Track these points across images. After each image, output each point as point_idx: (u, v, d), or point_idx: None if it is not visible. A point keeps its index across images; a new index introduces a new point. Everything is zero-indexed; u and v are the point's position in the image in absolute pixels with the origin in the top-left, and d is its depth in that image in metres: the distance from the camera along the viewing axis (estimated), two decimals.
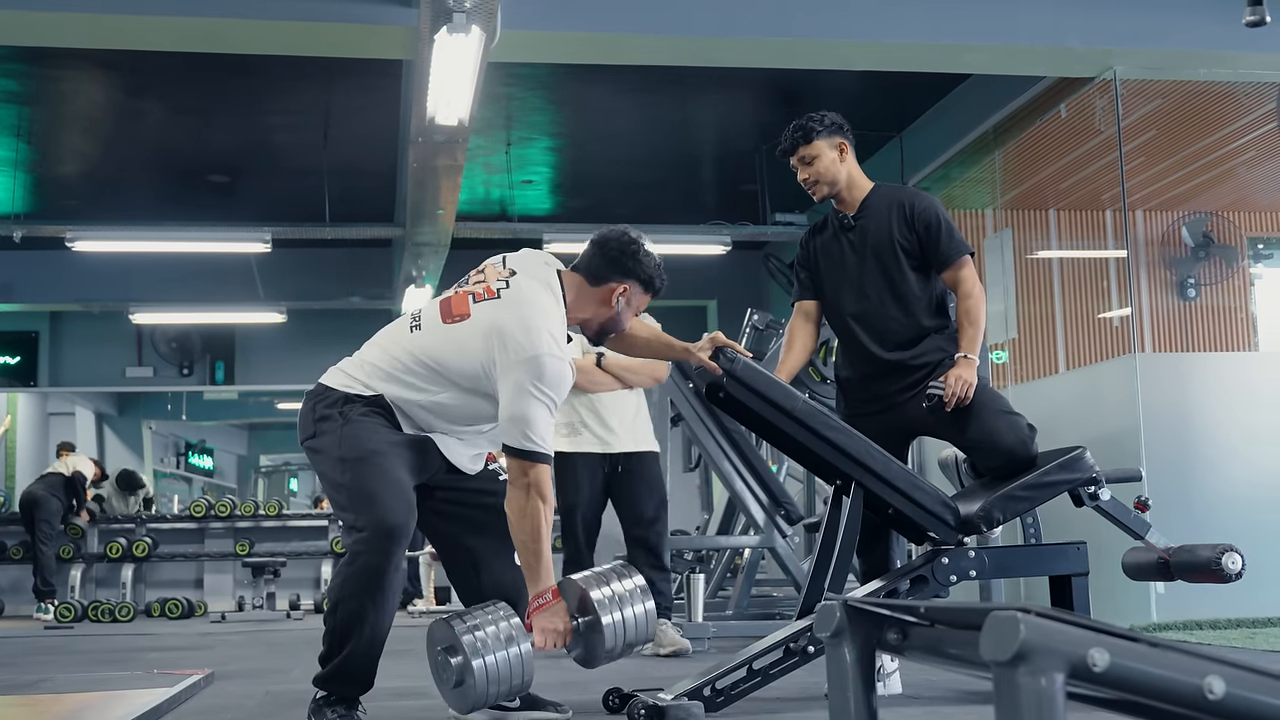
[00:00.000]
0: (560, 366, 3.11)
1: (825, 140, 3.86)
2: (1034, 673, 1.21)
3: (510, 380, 3.08)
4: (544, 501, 3.08)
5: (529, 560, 3.10)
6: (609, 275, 3.32)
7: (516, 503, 3.10)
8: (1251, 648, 5.09)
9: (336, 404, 3.18)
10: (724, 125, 9.86)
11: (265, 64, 7.58)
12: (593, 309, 3.34)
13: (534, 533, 3.07)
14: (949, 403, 3.59)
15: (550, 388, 3.09)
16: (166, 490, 19.30)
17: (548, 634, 3.05)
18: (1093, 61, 6.89)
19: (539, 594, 3.08)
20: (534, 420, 3.07)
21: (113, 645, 7.28)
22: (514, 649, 2.94)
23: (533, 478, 3.07)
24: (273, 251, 10.13)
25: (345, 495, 3.12)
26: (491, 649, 2.91)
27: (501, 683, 2.93)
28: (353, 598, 3.05)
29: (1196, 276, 9.56)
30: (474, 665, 2.89)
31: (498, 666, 2.91)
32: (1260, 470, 6.40)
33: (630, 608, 3.08)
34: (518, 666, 2.94)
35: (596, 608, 3.06)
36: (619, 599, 3.08)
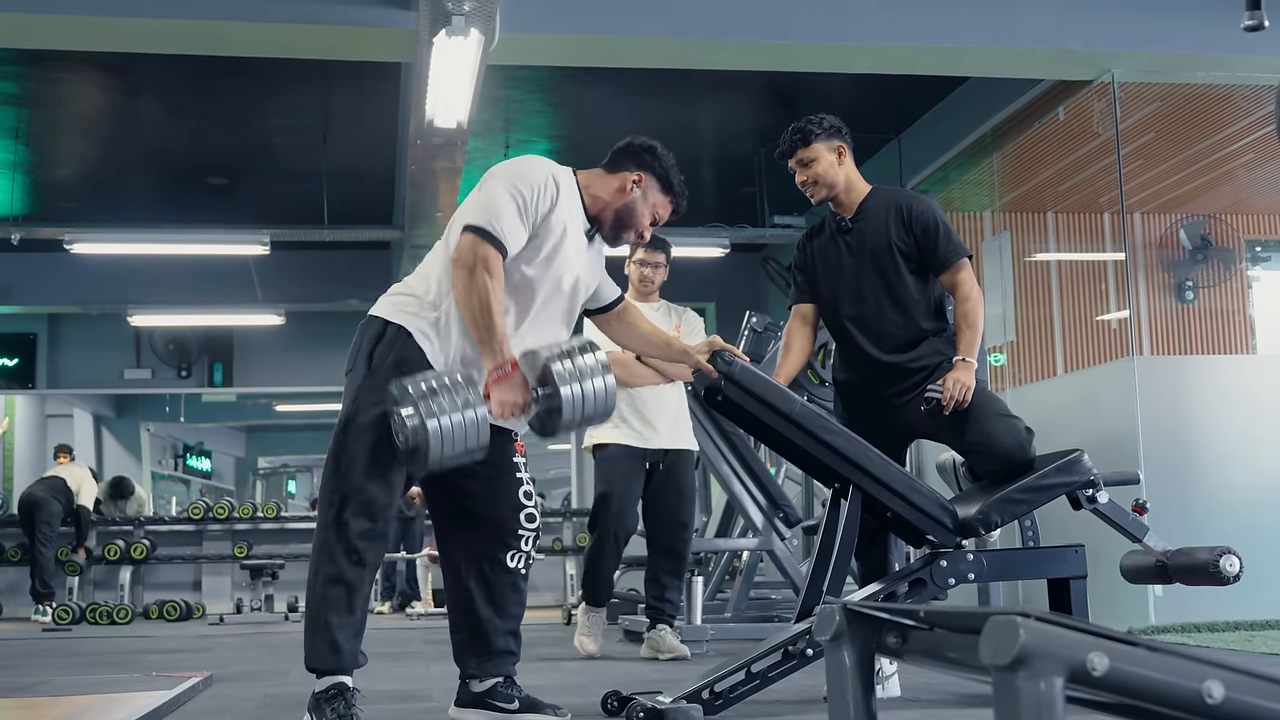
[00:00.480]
0: (531, 165, 3.20)
1: (824, 143, 3.87)
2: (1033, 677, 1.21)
3: (487, 183, 3.16)
4: (491, 276, 3.04)
5: (481, 335, 3.04)
6: (625, 164, 3.39)
7: (463, 279, 3.06)
8: (1250, 650, 5.09)
9: (372, 342, 3.19)
10: (722, 128, 9.87)
11: (264, 66, 7.57)
12: (609, 192, 3.37)
13: (483, 306, 3.02)
14: (947, 406, 3.60)
15: (521, 183, 3.14)
16: (164, 492, 19.30)
17: (505, 405, 3.00)
18: (1091, 64, 6.90)
19: (498, 365, 3.01)
20: (500, 207, 3.10)
21: (111, 647, 7.28)
22: (469, 412, 2.88)
23: (481, 254, 3.05)
24: (271, 254, 10.13)
25: (337, 455, 3.13)
26: (446, 411, 2.86)
27: (455, 445, 2.89)
28: (329, 562, 3.05)
29: (1195, 279, 9.57)
30: (428, 426, 2.85)
31: (453, 429, 2.86)
32: (1258, 473, 6.41)
33: (590, 381, 3.03)
34: (473, 431, 2.89)
35: (556, 379, 3.01)
36: (580, 372, 3.03)
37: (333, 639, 3.08)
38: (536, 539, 3.37)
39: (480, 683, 3.30)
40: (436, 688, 4.20)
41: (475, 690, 3.30)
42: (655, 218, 3.44)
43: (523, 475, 3.36)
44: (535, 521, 3.35)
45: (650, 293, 5.53)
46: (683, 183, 3.46)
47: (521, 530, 3.31)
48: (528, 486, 3.36)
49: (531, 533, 3.34)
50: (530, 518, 3.33)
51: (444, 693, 3.67)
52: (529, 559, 3.35)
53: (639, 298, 5.46)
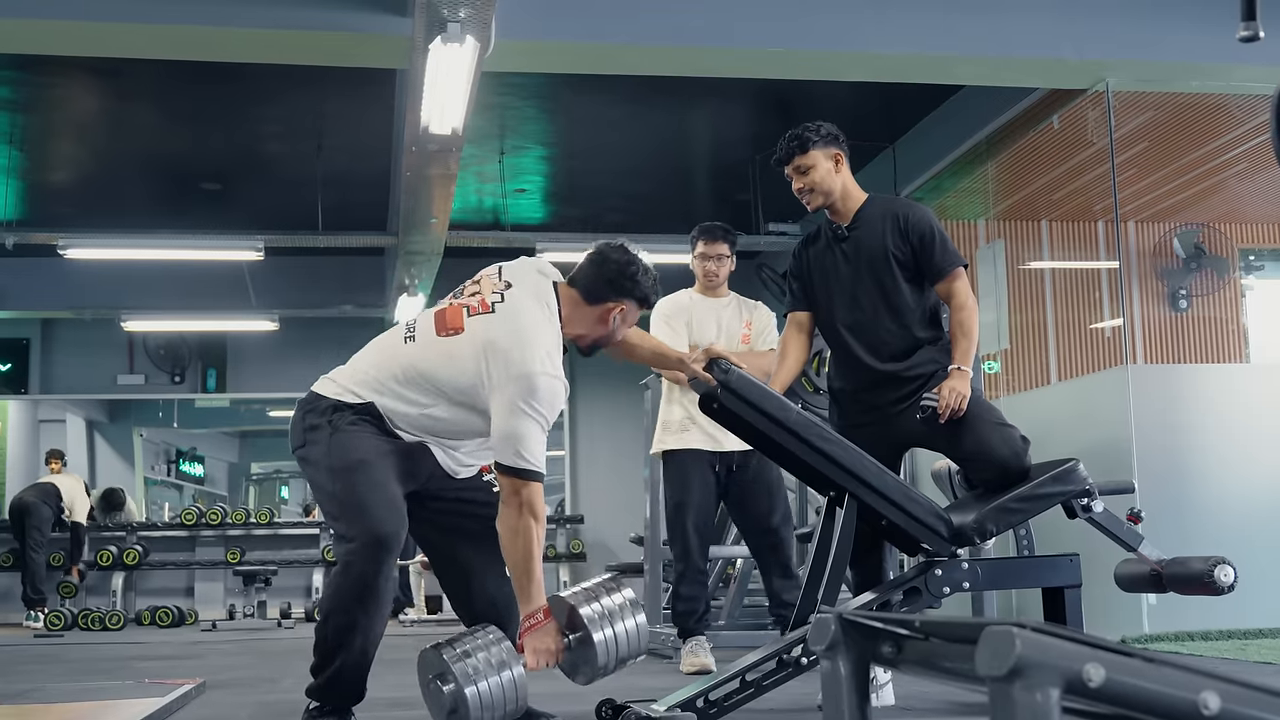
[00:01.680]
0: (553, 385, 3.09)
1: (821, 150, 3.87)
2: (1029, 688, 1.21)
3: (503, 397, 3.06)
4: (536, 520, 3.06)
5: (520, 580, 3.07)
6: (606, 295, 3.31)
7: (509, 521, 3.07)
8: (1243, 659, 5.10)
9: (326, 412, 3.17)
10: (717, 135, 9.87)
11: (258, 72, 7.57)
12: (588, 326, 3.33)
13: (526, 551, 3.05)
14: (942, 415, 3.60)
15: (543, 405, 3.07)
16: (157, 498, 19.25)
17: (540, 654, 3.03)
18: (1085, 73, 6.90)
19: (530, 614, 3.06)
20: (526, 438, 3.06)
21: (103, 654, 7.26)
22: (506, 673, 2.92)
23: (525, 496, 3.05)
24: (265, 259, 10.12)
25: (336, 505, 3.11)
26: (484, 674, 2.89)
27: (496, 708, 2.91)
28: (344, 608, 3.04)
29: (1188, 288, 9.58)
30: (467, 693, 2.87)
31: (491, 692, 2.89)
32: (1253, 482, 6.42)
33: (622, 622, 3.06)
34: (510, 691, 2.93)
35: (587, 624, 3.04)
36: (609, 614, 3.06)
37: (341, 682, 3.12)
38: None
39: None
40: None
41: None
42: (629, 326, 3.45)
43: (496, 488, 3.36)
44: None
45: (716, 286, 5.32)
46: (656, 281, 3.40)
47: None
48: None
49: None
50: None
51: None
52: None
53: (705, 293, 5.33)
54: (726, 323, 5.22)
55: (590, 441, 13.45)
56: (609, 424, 12.94)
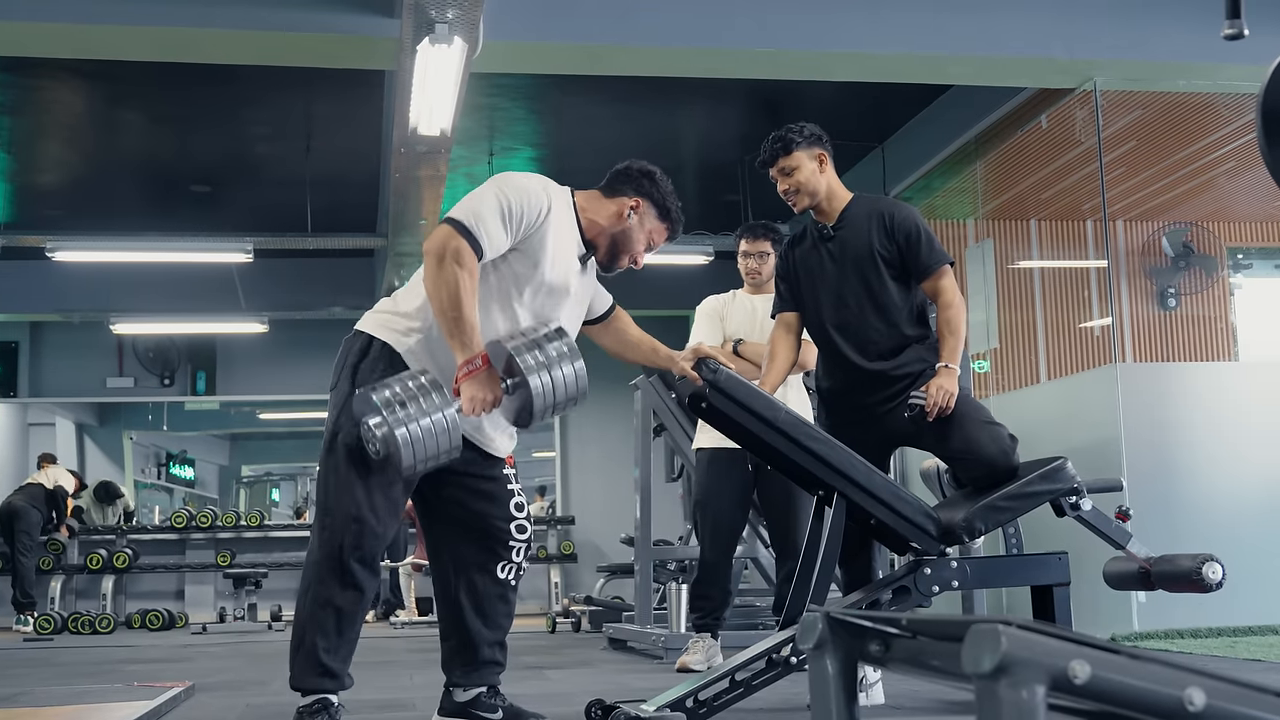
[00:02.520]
0: (526, 179, 3.17)
1: (805, 151, 3.87)
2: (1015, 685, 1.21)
3: (479, 187, 3.17)
4: (461, 268, 2.99)
5: (449, 327, 3.00)
6: (623, 189, 3.37)
7: (432, 269, 3.02)
8: (1232, 656, 5.11)
9: (357, 358, 3.17)
10: (706, 136, 9.88)
11: (247, 73, 7.56)
12: (605, 217, 3.35)
13: (452, 298, 2.98)
14: (930, 413, 3.60)
15: (509, 187, 3.13)
16: (147, 501, 19.22)
17: (476, 401, 2.97)
18: (1073, 73, 6.92)
19: (467, 360, 2.98)
20: (483, 207, 3.08)
21: (93, 657, 7.24)
22: (438, 415, 2.86)
23: (453, 246, 3.01)
24: (254, 261, 10.11)
25: (326, 475, 3.13)
26: (415, 418, 2.84)
27: (428, 450, 2.87)
28: (320, 582, 3.04)
29: (1177, 286, 9.61)
30: (398, 434, 2.82)
31: (423, 436, 2.84)
32: (1241, 480, 6.44)
33: (560, 368, 3.02)
34: (444, 434, 2.87)
35: (524, 370, 2.99)
36: (548, 361, 3.01)
37: (318, 661, 3.07)
38: (528, 550, 3.36)
39: (464, 692, 3.30)
40: (420, 696, 4.19)
41: (459, 699, 3.30)
42: (651, 244, 3.44)
43: (514, 487, 3.35)
44: (526, 533, 3.34)
45: (762, 284, 5.26)
46: (680, 209, 3.45)
47: (512, 542, 3.31)
48: (519, 499, 3.35)
49: (522, 544, 3.33)
50: (521, 529, 3.33)
51: (427, 702, 3.66)
52: (520, 570, 3.34)
53: (751, 290, 5.30)
54: (762, 318, 5.19)
55: (581, 443, 13.46)
56: (599, 425, 12.93)
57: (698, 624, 5.17)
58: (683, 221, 3.47)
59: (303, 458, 21.75)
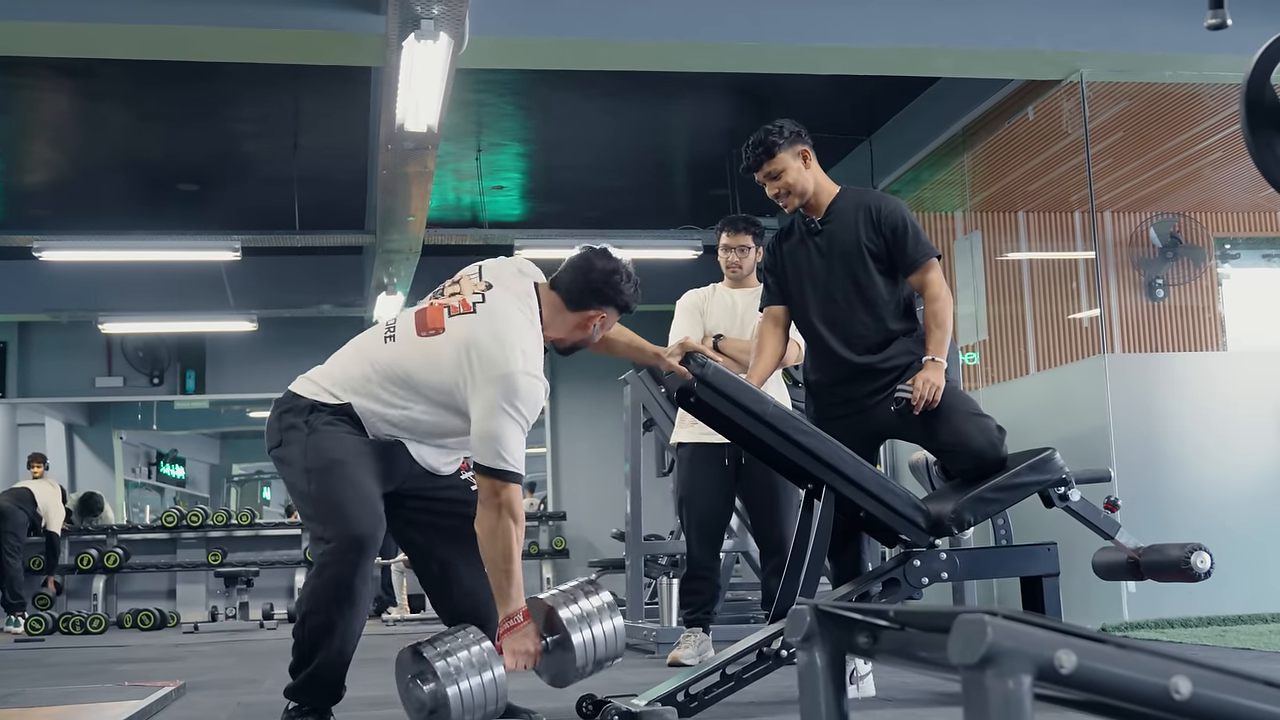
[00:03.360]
0: (533, 385, 3.09)
1: (788, 151, 3.86)
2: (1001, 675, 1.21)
3: (482, 398, 3.06)
4: (515, 521, 3.05)
5: (499, 580, 3.07)
6: (588, 302, 3.31)
7: (487, 523, 3.07)
8: (1222, 645, 5.13)
9: (303, 412, 3.16)
10: (694, 130, 9.87)
11: (233, 71, 7.54)
12: (567, 331, 3.34)
13: (505, 553, 3.04)
14: (917, 406, 3.60)
15: (523, 405, 3.07)
16: (138, 500, 19.17)
17: (519, 656, 3.04)
18: (1060, 64, 6.93)
19: (509, 615, 3.06)
20: (506, 439, 3.05)
21: (84, 658, 7.23)
22: (488, 674, 2.92)
23: (504, 498, 3.04)
24: (242, 259, 10.08)
25: (312, 505, 3.10)
26: (465, 675, 2.89)
27: (477, 709, 2.91)
28: (321, 609, 3.03)
29: (1165, 277, 9.63)
30: (449, 693, 2.86)
31: (472, 692, 2.89)
32: (1229, 469, 6.45)
33: (600, 624, 3.08)
34: (491, 691, 2.92)
35: (565, 626, 3.05)
36: (587, 616, 3.07)
37: (319, 681, 3.10)
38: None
39: None
40: None
41: None
42: (608, 330, 3.45)
43: (467, 475, 3.37)
44: None
45: (742, 278, 5.27)
46: (638, 287, 3.39)
47: None
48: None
49: None
50: None
51: None
52: None
53: (732, 285, 5.28)
54: (742, 312, 5.18)
55: (571, 438, 13.45)
56: (590, 421, 12.94)
57: (688, 619, 5.17)
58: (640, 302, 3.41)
59: None
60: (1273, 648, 4.92)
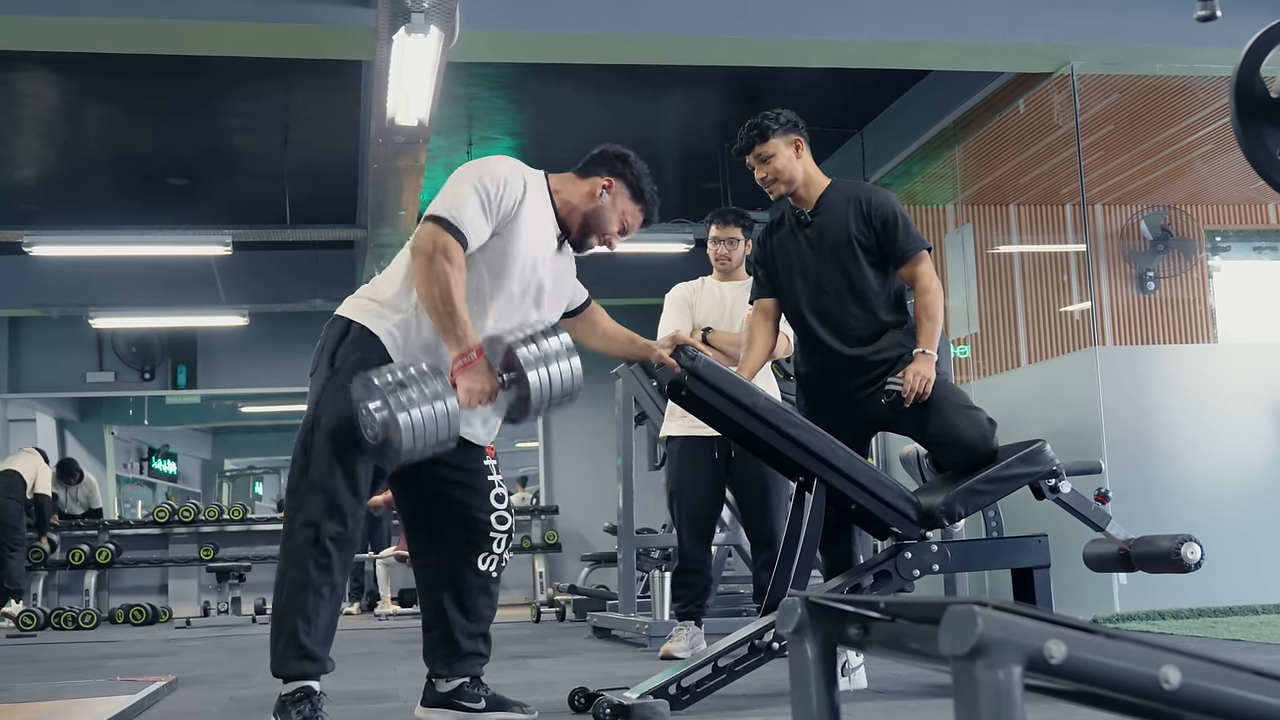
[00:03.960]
0: (499, 162, 3.20)
1: (781, 138, 3.87)
2: (991, 666, 1.21)
3: (453, 177, 3.18)
4: (450, 263, 3.02)
5: (443, 322, 3.02)
6: (597, 169, 3.39)
7: (422, 267, 3.05)
8: (1212, 636, 5.14)
9: (335, 342, 3.18)
10: (686, 123, 9.88)
11: (223, 65, 7.52)
12: (578, 196, 3.36)
13: (444, 293, 3.00)
14: (907, 398, 3.61)
15: (484, 174, 3.15)
16: (130, 496, 19.15)
17: (473, 393, 2.99)
18: (1050, 57, 6.93)
19: (462, 353, 3.00)
20: (462, 199, 3.10)
21: (75, 653, 7.22)
22: (440, 404, 2.87)
23: (440, 242, 3.04)
24: (234, 254, 10.06)
25: (304, 457, 3.11)
26: (416, 404, 2.84)
27: (426, 438, 2.88)
28: (298, 566, 3.02)
29: (1156, 269, 9.65)
30: (399, 419, 2.83)
31: (423, 421, 2.85)
32: (1219, 461, 6.47)
33: (557, 364, 3.04)
34: (443, 422, 2.87)
35: (523, 364, 3.01)
36: (545, 356, 3.03)
37: (299, 644, 3.04)
38: (509, 542, 3.35)
39: (447, 683, 3.29)
40: (403, 687, 4.19)
41: (442, 690, 3.30)
42: (625, 225, 3.43)
43: (494, 478, 3.35)
44: (507, 524, 3.33)
45: (731, 271, 5.27)
46: (655, 192, 3.45)
47: (493, 533, 3.30)
48: (500, 490, 3.34)
49: (503, 535, 3.32)
50: (502, 520, 3.32)
51: (410, 693, 3.66)
52: (501, 561, 3.33)
53: (720, 277, 5.28)
54: (731, 305, 5.18)
55: (563, 433, 13.45)
56: (582, 415, 12.87)
57: (680, 612, 5.18)
58: (658, 204, 3.48)
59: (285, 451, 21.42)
60: (1263, 639, 4.93)
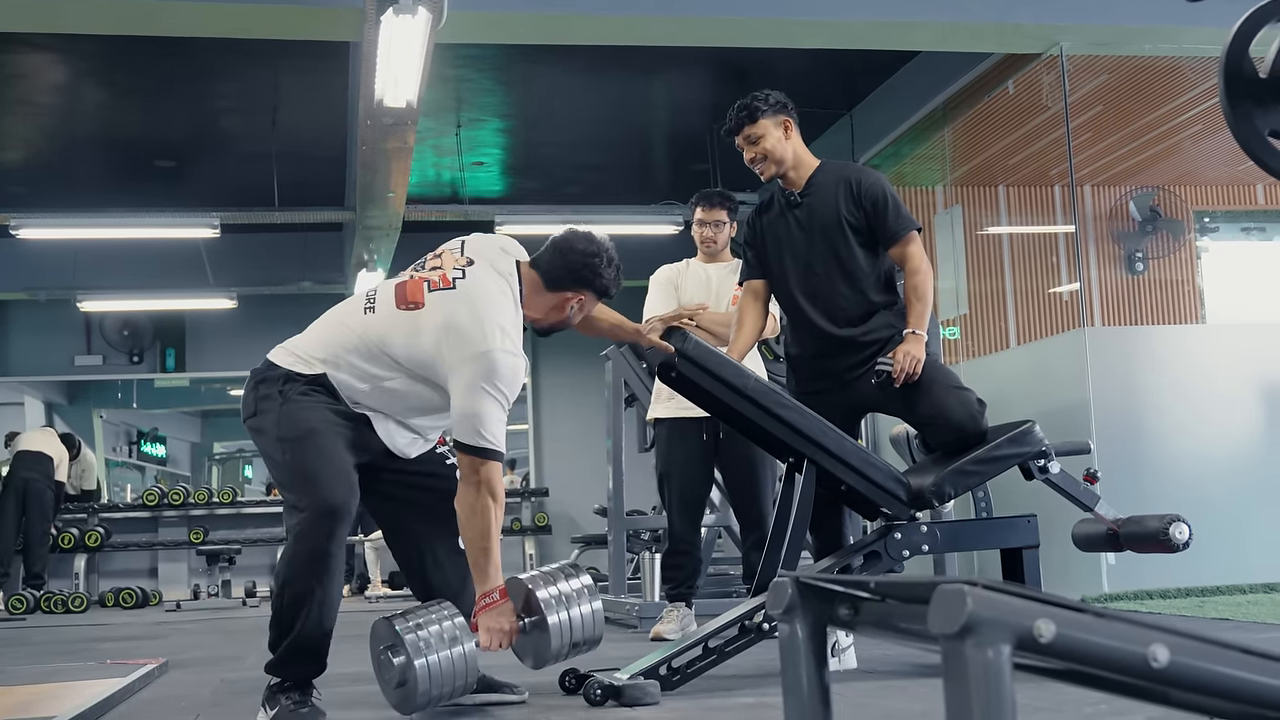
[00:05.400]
0: (513, 363, 3.08)
1: (770, 118, 3.87)
2: (981, 645, 1.21)
3: (462, 376, 3.05)
4: (494, 499, 3.05)
5: (477, 558, 3.07)
6: (567, 284, 3.30)
7: (467, 500, 3.07)
8: (1200, 616, 5.16)
9: (277, 382, 3.14)
10: (675, 105, 9.85)
11: (210, 46, 7.48)
12: (545, 310, 3.33)
13: (483, 531, 3.05)
14: (897, 379, 3.61)
15: (503, 384, 3.06)
16: (119, 479, 19.11)
17: (494, 634, 3.04)
18: (1040, 37, 6.92)
19: (486, 593, 3.06)
20: (485, 417, 3.04)
21: (66, 636, 7.22)
22: (458, 648, 2.92)
23: (483, 475, 3.04)
24: (222, 237, 10.02)
25: (286, 474, 3.10)
26: (434, 649, 2.89)
27: (445, 683, 2.92)
28: (298, 578, 3.02)
29: (1144, 250, 9.66)
30: (416, 665, 2.87)
31: (440, 666, 2.89)
32: (1207, 441, 6.49)
33: (577, 607, 3.08)
34: (460, 666, 2.93)
35: (543, 608, 3.06)
36: (565, 598, 3.08)
37: (298, 650, 3.07)
38: None
39: None
40: None
41: None
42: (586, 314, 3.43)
43: (442, 450, 3.37)
44: None
45: (716, 253, 5.25)
46: (620, 273, 3.37)
47: None
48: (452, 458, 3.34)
49: None
50: None
51: None
52: None
53: (706, 259, 5.26)
54: (716, 286, 5.18)
55: (553, 415, 13.45)
56: (572, 397, 12.93)
57: (671, 594, 5.18)
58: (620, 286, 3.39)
59: None
60: (1250, 618, 4.96)
